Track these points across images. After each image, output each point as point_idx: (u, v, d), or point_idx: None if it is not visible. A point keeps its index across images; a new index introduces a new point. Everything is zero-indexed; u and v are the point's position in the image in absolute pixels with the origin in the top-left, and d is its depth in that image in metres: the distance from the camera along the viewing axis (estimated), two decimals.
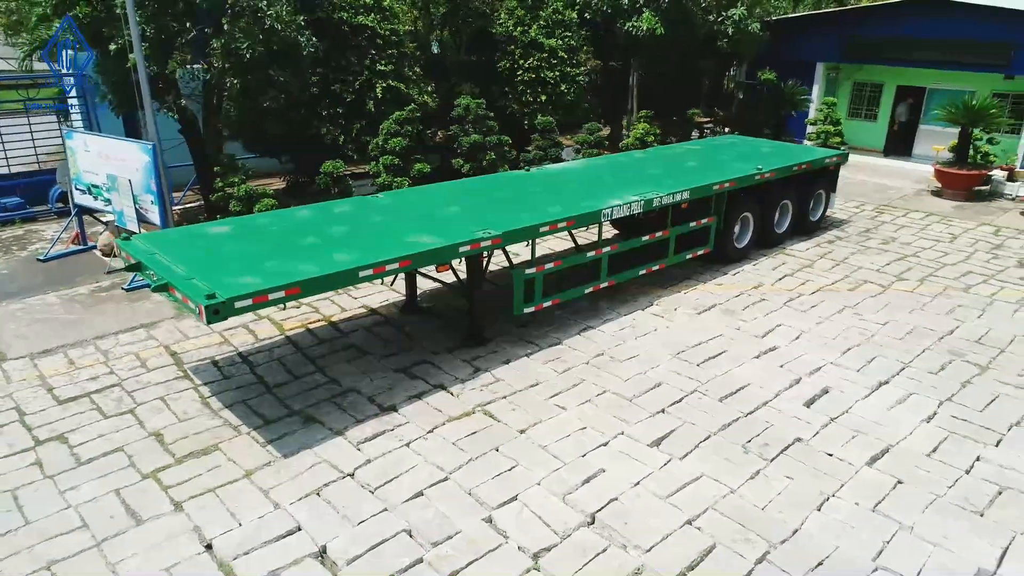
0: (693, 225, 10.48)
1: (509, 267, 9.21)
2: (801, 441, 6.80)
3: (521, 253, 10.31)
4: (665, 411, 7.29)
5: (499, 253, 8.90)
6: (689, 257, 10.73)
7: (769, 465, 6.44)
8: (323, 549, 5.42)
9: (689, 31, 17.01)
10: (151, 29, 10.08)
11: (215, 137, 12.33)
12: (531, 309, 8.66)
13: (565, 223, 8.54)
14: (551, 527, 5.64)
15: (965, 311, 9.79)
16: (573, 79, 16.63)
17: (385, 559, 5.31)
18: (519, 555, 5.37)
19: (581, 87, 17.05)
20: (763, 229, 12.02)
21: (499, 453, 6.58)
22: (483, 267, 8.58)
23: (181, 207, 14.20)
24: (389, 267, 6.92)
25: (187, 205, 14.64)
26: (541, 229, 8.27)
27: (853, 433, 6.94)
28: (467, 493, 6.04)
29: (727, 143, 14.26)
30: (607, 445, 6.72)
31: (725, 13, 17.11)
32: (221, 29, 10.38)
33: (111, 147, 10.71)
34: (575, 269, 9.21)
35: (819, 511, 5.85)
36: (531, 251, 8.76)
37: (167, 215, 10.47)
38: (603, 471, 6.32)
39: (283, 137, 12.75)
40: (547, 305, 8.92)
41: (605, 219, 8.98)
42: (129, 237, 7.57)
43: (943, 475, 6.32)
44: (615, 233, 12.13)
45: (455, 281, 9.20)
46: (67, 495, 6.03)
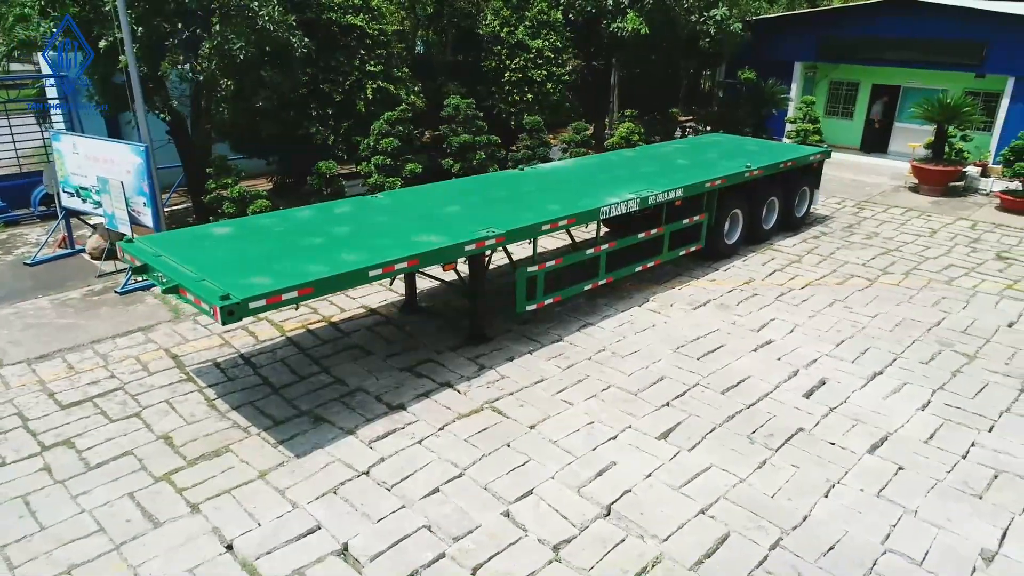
0: (686, 222, 10.66)
1: (510, 265, 9.30)
2: (804, 431, 6.99)
3: (514, 252, 10.38)
4: (670, 404, 7.44)
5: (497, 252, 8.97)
6: (682, 254, 10.90)
7: (775, 455, 6.61)
8: (345, 547, 5.46)
9: (672, 31, 17.23)
10: (142, 30, 9.97)
11: (205, 138, 12.22)
12: (533, 307, 8.76)
13: (566, 221, 8.65)
14: (568, 519, 5.74)
15: (950, 303, 10.09)
16: (559, 79, 16.77)
17: (408, 555, 5.37)
18: (540, 547, 5.46)
19: (566, 87, 17.19)
20: (751, 225, 12.26)
21: (511, 449, 6.67)
22: (485, 266, 8.65)
23: (168, 209, 14.03)
24: (398, 266, 6.96)
25: (174, 207, 14.49)
26: (543, 227, 8.36)
27: (853, 422, 7.14)
28: (483, 488, 6.11)
29: (713, 141, 14.49)
30: (616, 439, 6.83)
31: (707, 13, 17.36)
32: (213, 30, 10.30)
33: (101, 149, 10.57)
34: (574, 267, 9.32)
35: (826, 498, 6.03)
36: (533, 249, 8.83)
37: (160, 217, 10.38)
38: (614, 464, 6.44)
39: (273, 138, 12.68)
40: (548, 302, 9.02)
41: (604, 216, 9.10)
42: (132, 239, 7.51)
43: (941, 461, 6.54)
44: (606, 231, 12.25)
45: (456, 280, 9.25)
46: (80, 499, 5.98)
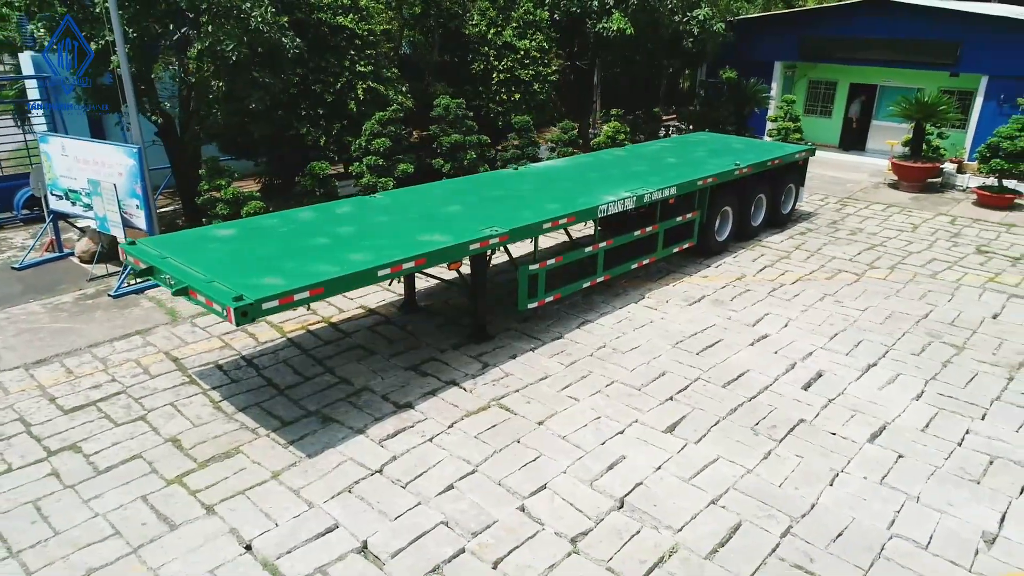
0: (679, 220, 10.82)
1: (509, 264, 9.38)
2: (805, 422, 7.16)
3: (513, 250, 10.46)
4: (673, 398, 7.57)
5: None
6: (675, 251, 11.07)
7: (779, 445, 6.77)
8: (364, 544, 5.49)
9: (655, 31, 17.42)
10: (133, 31, 9.86)
11: (195, 139, 12.11)
12: (534, 304, 8.84)
13: (566, 220, 8.75)
14: (584, 512, 5.83)
15: (936, 296, 10.37)
16: (545, 79, 16.87)
17: (428, 550, 5.42)
18: (558, 540, 5.54)
19: (552, 87, 17.31)
20: (741, 222, 12.47)
21: (521, 444, 6.74)
22: (487, 264, 8.72)
23: (156, 211, 13.88)
24: (406, 266, 7.00)
25: (161, 209, 14.32)
26: (544, 226, 8.45)
27: (851, 413, 7.33)
28: (497, 484, 6.18)
29: (700, 140, 14.69)
30: (624, 433, 6.94)
31: (690, 14, 17.59)
32: (205, 31, 10.23)
33: (92, 151, 10.44)
34: (572, 265, 9.42)
35: (831, 486, 6.20)
36: (534, 248, 8.92)
37: (153, 219, 10.29)
38: (624, 457, 6.55)
39: (264, 139, 12.61)
40: (549, 300, 9.11)
41: (602, 215, 9.22)
42: (134, 242, 7.45)
43: (938, 448, 6.75)
44: (596, 230, 12.37)
45: (455, 278, 9.31)
46: (92, 504, 5.94)
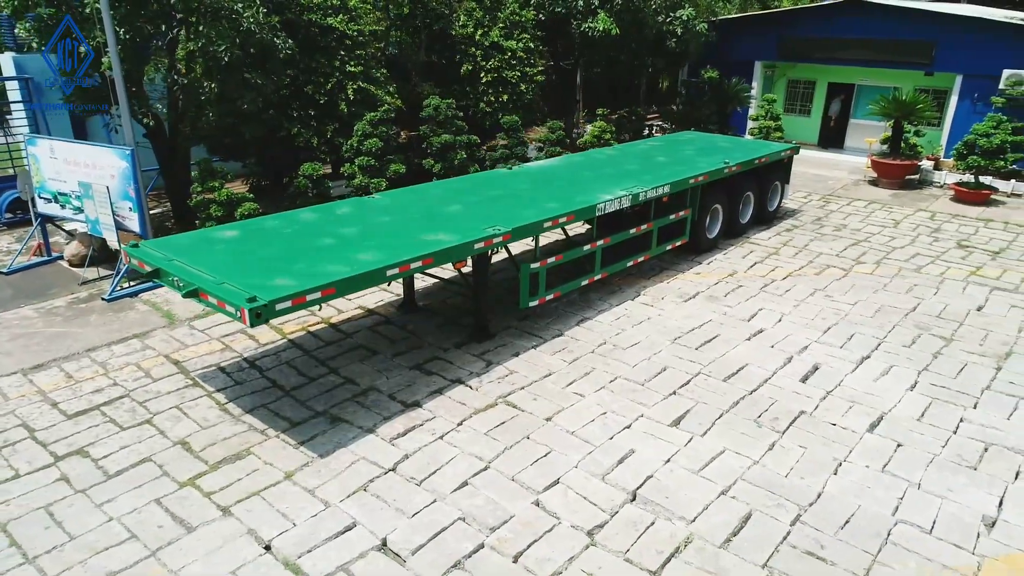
0: (672, 217, 10.98)
1: (509, 262, 9.46)
2: (805, 413, 7.33)
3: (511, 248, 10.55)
4: (677, 393, 7.70)
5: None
6: (668, 248, 11.23)
7: (782, 437, 6.93)
8: (384, 542, 5.54)
9: (640, 32, 17.61)
10: (124, 32, 9.76)
11: (185, 141, 12.01)
12: (535, 302, 8.93)
13: (566, 218, 8.85)
14: (598, 506, 5.93)
15: (922, 289, 10.65)
16: (532, 79, 16.98)
17: (448, 546, 5.48)
18: (575, 533, 5.64)
19: (538, 87, 17.42)
20: (730, 220, 12.67)
21: (531, 440, 6.83)
22: (489, 263, 8.78)
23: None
24: (413, 265, 7.05)
25: (150, 211, 14.13)
26: (545, 224, 8.54)
27: (849, 404, 7.53)
28: (510, 480, 6.26)
29: (687, 139, 14.88)
30: (631, 427, 7.06)
31: (673, 14, 17.80)
32: (197, 32, 10.16)
33: (83, 153, 10.32)
34: (570, 263, 9.52)
35: (835, 475, 6.37)
36: (535, 246, 9.00)
37: (147, 222, 10.20)
38: (633, 451, 6.66)
39: (255, 140, 12.54)
40: (549, 298, 9.20)
41: (600, 213, 9.33)
42: (137, 244, 7.40)
43: (935, 436, 6.96)
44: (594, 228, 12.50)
45: (455, 277, 9.36)
46: (105, 508, 5.91)
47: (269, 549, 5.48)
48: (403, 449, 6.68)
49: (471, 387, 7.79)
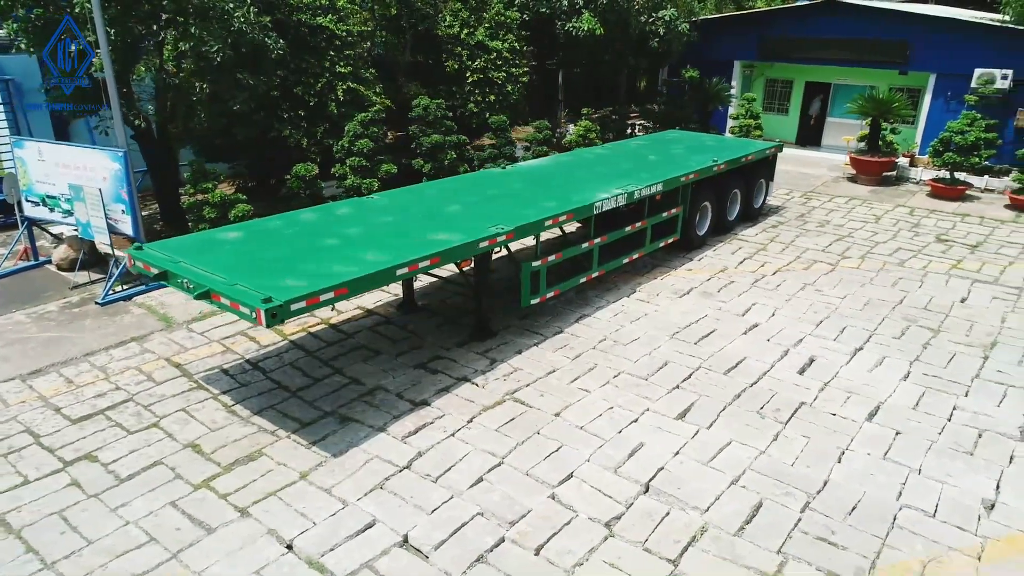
0: (665, 215, 11.15)
1: (509, 260, 9.54)
2: (806, 404, 7.53)
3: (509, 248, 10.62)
4: (680, 387, 7.85)
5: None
6: (661, 245, 11.40)
7: (785, 427, 7.11)
8: (405, 538, 5.59)
9: (624, 31, 17.80)
10: (115, 32, 9.65)
11: (174, 142, 11.88)
12: (536, 300, 9.02)
13: (565, 217, 8.96)
14: (613, 498, 6.05)
15: (907, 283, 10.95)
16: (517, 79, 17.07)
17: (469, 541, 5.55)
18: (593, 525, 5.74)
19: (523, 87, 17.52)
20: (718, 217, 12.89)
21: (542, 436, 6.92)
22: (490, 261, 8.86)
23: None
24: (421, 264, 7.10)
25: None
26: (546, 223, 8.64)
27: (847, 394, 7.74)
28: (525, 475, 6.34)
29: (673, 138, 15.09)
30: (638, 421, 7.19)
31: (656, 14, 18.02)
32: (188, 32, 10.08)
33: (73, 156, 10.17)
34: (568, 260, 9.62)
35: (840, 463, 6.56)
36: (536, 244, 9.09)
37: (139, 224, 10.09)
38: (643, 444, 6.79)
39: (245, 141, 12.46)
40: (549, 296, 9.30)
41: (597, 211, 9.45)
42: (141, 246, 7.34)
43: (931, 424, 7.19)
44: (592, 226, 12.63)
45: (455, 275, 9.40)
46: (120, 512, 5.88)
47: (291, 548, 5.50)
48: (416, 447, 6.73)
49: (477, 385, 7.86)
